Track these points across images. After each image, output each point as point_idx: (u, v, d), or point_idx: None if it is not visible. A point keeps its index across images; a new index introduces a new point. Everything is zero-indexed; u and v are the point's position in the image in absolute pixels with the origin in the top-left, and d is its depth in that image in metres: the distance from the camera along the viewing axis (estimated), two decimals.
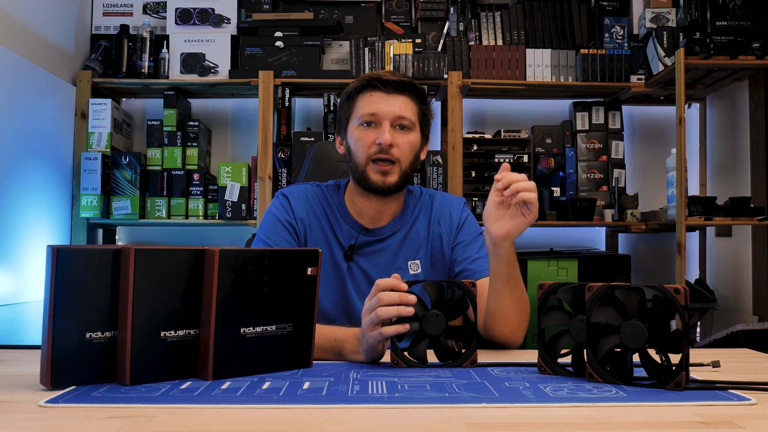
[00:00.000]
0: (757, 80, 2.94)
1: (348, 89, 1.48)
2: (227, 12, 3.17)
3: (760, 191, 2.88)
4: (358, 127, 1.44)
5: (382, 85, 1.43)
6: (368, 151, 1.42)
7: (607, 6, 3.21)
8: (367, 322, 1.13)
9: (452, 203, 1.57)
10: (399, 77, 1.44)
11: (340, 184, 1.55)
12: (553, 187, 3.20)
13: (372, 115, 1.42)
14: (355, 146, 1.44)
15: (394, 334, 1.12)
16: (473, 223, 1.57)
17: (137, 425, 0.77)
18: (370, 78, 1.44)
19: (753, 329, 2.54)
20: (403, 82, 1.44)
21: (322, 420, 0.81)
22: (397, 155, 1.42)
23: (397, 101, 1.43)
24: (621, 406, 0.88)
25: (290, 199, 1.51)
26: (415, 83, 1.47)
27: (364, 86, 1.44)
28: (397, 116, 1.42)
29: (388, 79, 1.43)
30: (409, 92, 1.45)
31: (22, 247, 2.59)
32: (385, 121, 1.41)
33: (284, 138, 3.07)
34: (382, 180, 1.42)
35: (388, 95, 1.43)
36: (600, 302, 1.02)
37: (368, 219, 1.49)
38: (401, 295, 1.11)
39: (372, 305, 1.13)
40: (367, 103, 1.43)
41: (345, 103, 1.48)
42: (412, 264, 1.50)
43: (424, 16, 3.19)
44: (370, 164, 1.42)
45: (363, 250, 1.48)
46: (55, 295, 0.92)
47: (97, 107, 3.02)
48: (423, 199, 1.56)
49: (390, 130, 1.41)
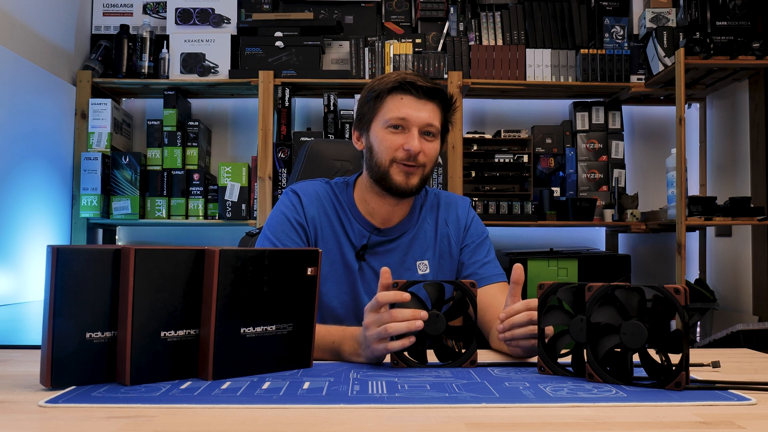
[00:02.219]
0: (757, 80, 2.94)
1: (377, 87, 1.44)
2: (227, 12, 3.17)
3: (760, 191, 2.88)
4: (385, 129, 1.42)
5: (415, 90, 1.41)
6: (394, 154, 1.40)
7: (607, 6, 3.21)
8: (374, 335, 1.11)
9: (458, 203, 1.57)
10: (431, 84, 1.42)
11: (348, 182, 1.53)
12: (553, 187, 3.21)
13: (402, 119, 1.40)
14: (380, 147, 1.42)
15: (400, 349, 1.12)
16: (479, 223, 1.57)
17: (137, 425, 0.77)
18: (403, 81, 1.41)
19: (753, 329, 2.54)
20: (435, 89, 1.42)
21: (322, 420, 0.80)
22: (423, 161, 1.42)
23: (426, 108, 1.41)
24: (621, 406, 0.88)
25: (302, 197, 1.48)
26: (444, 91, 1.45)
27: (395, 88, 1.42)
28: (426, 123, 1.41)
29: (420, 84, 1.41)
30: (438, 100, 1.44)
31: (22, 247, 2.59)
32: (414, 128, 1.40)
33: (284, 138, 3.07)
34: (405, 181, 1.41)
35: (419, 101, 1.41)
36: (600, 302, 1.02)
37: (379, 219, 1.48)
38: (414, 312, 1.11)
39: (380, 319, 1.11)
40: (398, 107, 1.41)
41: (372, 101, 1.45)
42: (421, 264, 1.50)
43: (424, 16, 3.19)
44: (394, 165, 1.41)
45: (375, 250, 1.48)
46: (55, 295, 0.92)
47: (97, 107, 3.02)
48: (429, 198, 1.56)
49: (418, 137, 1.40)
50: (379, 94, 1.43)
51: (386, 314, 1.11)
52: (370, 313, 1.13)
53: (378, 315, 1.12)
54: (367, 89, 1.47)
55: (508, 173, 3.12)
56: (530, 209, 3.03)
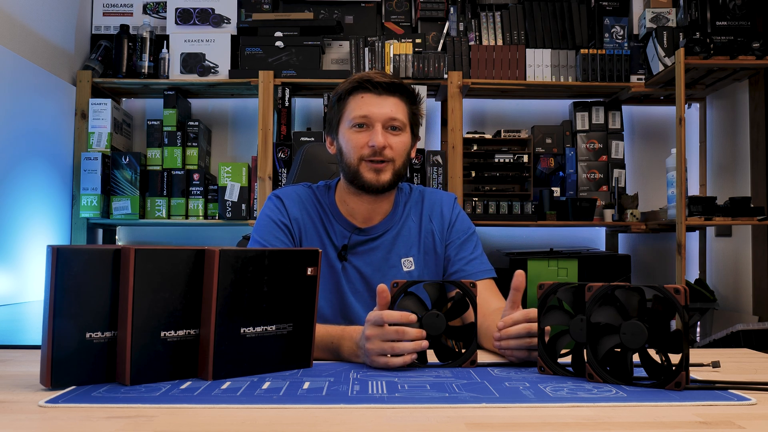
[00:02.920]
0: (757, 80, 2.94)
1: (338, 90, 1.48)
2: (227, 12, 3.17)
3: (760, 191, 2.88)
4: (350, 129, 1.44)
5: (373, 86, 1.43)
6: (360, 153, 1.43)
7: (607, 6, 3.21)
8: (377, 350, 1.11)
9: (443, 199, 1.58)
10: (389, 79, 1.45)
11: (330, 185, 1.56)
12: (553, 187, 3.20)
13: (364, 117, 1.43)
14: (347, 147, 1.45)
15: (401, 365, 1.11)
16: (465, 219, 1.58)
17: (137, 425, 0.77)
18: (361, 80, 1.44)
19: (753, 329, 2.54)
20: (394, 83, 1.44)
21: (322, 420, 0.81)
22: (391, 155, 1.43)
23: (387, 103, 1.43)
24: (621, 406, 0.88)
25: (284, 200, 1.51)
26: (405, 84, 1.47)
27: (355, 88, 1.45)
28: (389, 118, 1.43)
29: (378, 80, 1.43)
30: (399, 93, 1.45)
31: (22, 247, 2.59)
32: (377, 124, 1.42)
33: (284, 138, 3.07)
34: (375, 178, 1.43)
35: (379, 97, 1.43)
36: (600, 302, 1.02)
37: (360, 218, 1.50)
38: (420, 332, 1.11)
39: (385, 335, 1.10)
40: (359, 105, 1.43)
41: (335, 105, 1.49)
42: (406, 261, 1.51)
43: (424, 16, 3.19)
44: (363, 163, 1.43)
45: (356, 250, 1.49)
46: (55, 295, 0.92)
47: (97, 107, 3.02)
48: (413, 196, 1.57)
49: (382, 132, 1.42)
50: (341, 95, 1.47)
51: (392, 331, 1.10)
52: (372, 326, 1.12)
53: (382, 330, 1.11)
54: (333, 93, 1.50)
55: (508, 173, 3.12)
56: (530, 209, 3.03)
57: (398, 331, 1.10)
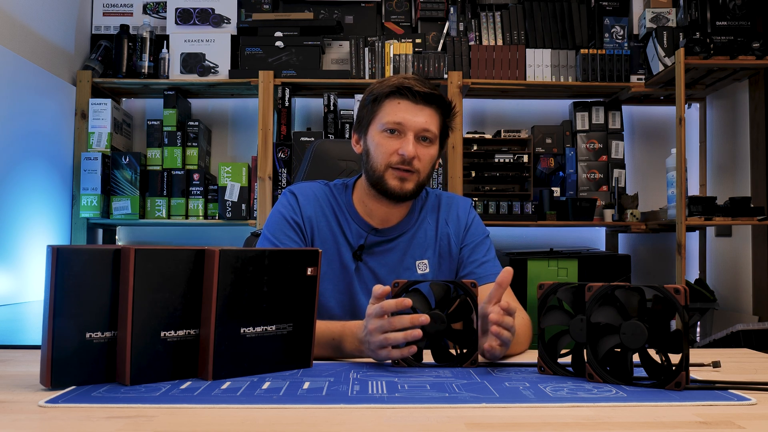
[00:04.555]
0: (757, 80, 2.94)
1: (374, 91, 1.45)
2: (227, 12, 3.17)
3: (760, 191, 2.88)
4: (381, 133, 1.42)
5: (412, 95, 1.41)
6: (389, 159, 1.41)
7: (607, 6, 3.21)
8: (377, 343, 1.12)
9: (459, 204, 1.58)
10: (429, 89, 1.42)
11: (347, 184, 1.54)
12: (553, 187, 3.20)
13: (398, 123, 1.41)
14: (376, 151, 1.43)
15: (401, 357, 1.12)
16: (480, 224, 1.58)
17: (137, 425, 0.77)
18: (400, 86, 1.41)
19: (753, 329, 2.54)
20: (432, 94, 1.43)
21: (322, 420, 0.81)
22: (418, 166, 1.42)
23: (423, 113, 1.42)
24: (621, 406, 0.88)
25: (299, 197, 1.50)
26: (442, 96, 1.45)
27: (393, 92, 1.42)
28: (422, 128, 1.41)
29: (418, 89, 1.41)
30: (436, 105, 1.44)
31: (22, 247, 2.59)
32: (410, 133, 1.40)
33: (284, 138, 3.07)
34: (399, 186, 1.42)
35: (416, 106, 1.42)
36: (600, 302, 1.02)
37: (377, 219, 1.49)
38: (413, 318, 1.11)
39: (382, 327, 1.12)
40: (394, 111, 1.41)
41: (369, 105, 1.46)
42: (420, 264, 1.51)
43: (424, 16, 3.19)
44: (389, 170, 1.41)
45: (372, 250, 1.48)
46: (55, 295, 0.92)
47: (97, 107, 3.02)
48: (430, 199, 1.57)
49: (413, 142, 1.40)
50: (377, 97, 1.44)
51: (386, 322, 1.12)
52: (374, 319, 1.13)
53: (380, 322, 1.12)
54: (367, 92, 1.48)
55: (508, 173, 3.12)
56: (530, 209, 3.03)
57: (391, 321, 1.11)
